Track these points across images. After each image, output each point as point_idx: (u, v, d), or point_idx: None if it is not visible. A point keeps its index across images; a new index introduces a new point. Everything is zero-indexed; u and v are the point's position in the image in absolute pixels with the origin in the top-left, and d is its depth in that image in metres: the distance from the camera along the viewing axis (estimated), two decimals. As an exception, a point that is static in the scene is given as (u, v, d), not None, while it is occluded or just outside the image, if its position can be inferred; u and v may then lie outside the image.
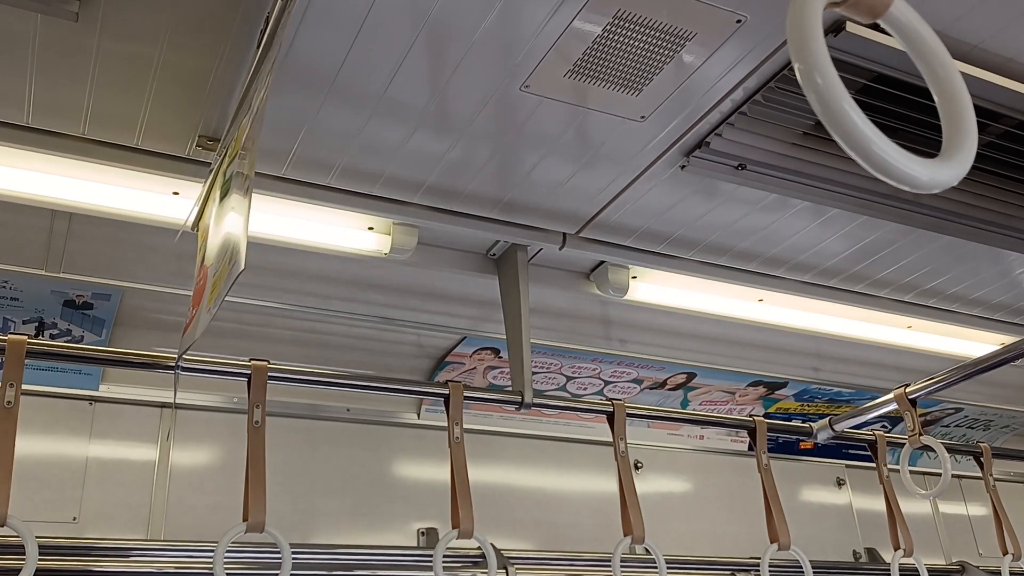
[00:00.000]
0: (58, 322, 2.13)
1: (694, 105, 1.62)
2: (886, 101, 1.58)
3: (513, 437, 2.77)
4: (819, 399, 3.05)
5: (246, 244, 1.13)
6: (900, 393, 2.09)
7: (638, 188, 1.86)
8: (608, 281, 2.19)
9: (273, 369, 1.66)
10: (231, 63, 1.50)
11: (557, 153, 1.74)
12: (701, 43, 1.47)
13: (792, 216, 2.00)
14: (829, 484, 3.32)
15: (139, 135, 1.65)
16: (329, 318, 2.33)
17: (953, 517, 3.57)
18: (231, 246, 1.20)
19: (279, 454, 2.35)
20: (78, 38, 1.43)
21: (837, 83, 0.67)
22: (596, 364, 2.67)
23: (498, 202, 1.91)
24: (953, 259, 2.25)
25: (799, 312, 2.46)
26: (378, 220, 1.93)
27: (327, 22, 1.38)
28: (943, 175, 0.71)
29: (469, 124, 1.64)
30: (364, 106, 1.58)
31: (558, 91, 1.56)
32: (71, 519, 2.11)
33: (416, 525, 2.50)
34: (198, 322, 1.28)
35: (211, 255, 1.34)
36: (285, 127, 1.62)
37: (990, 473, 2.37)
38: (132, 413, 2.27)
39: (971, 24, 1.46)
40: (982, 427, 3.49)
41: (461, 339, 2.50)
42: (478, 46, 1.44)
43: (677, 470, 3.02)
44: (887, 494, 2.18)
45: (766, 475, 2.07)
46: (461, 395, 1.83)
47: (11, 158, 1.65)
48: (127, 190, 1.77)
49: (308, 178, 1.77)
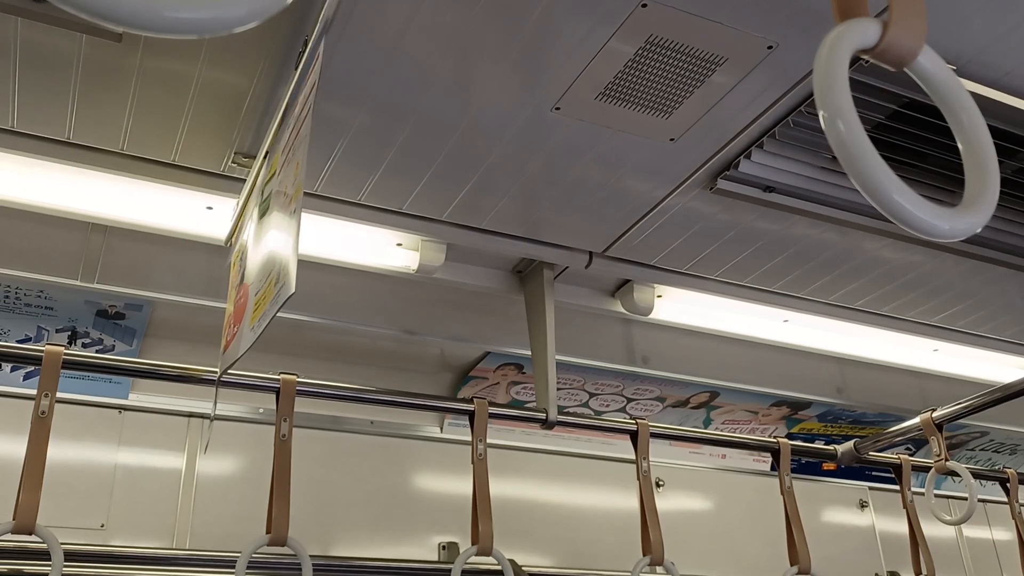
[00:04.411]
0: (90, 331, 2.17)
1: (724, 128, 1.62)
2: (917, 127, 1.58)
3: (534, 453, 2.77)
4: (843, 420, 3.03)
5: (296, 266, 1.12)
6: (927, 418, 2.07)
7: (665, 208, 1.87)
8: (633, 300, 2.20)
9: (302, 383, 1.68)
10: (268, 82, 1.53)
11: (586, 173, 1.75)
12: (732, 68, 1.48)
13: (818, 238, 2.00)
14: (852, 506, 3.29)
15: (176, 151, 1.68)
16: (355, 332, 2.35)
17: (978, 542, 3.52)
18: (277, 266, 1.20)
19: (302, 465, 2.37)
20: (120, 57, 1.46)
21: (860, 133, 0.68)
22: (619, 381, 2.67)
23: (525, 220, 1.92)
24: (980, 282, 2.24)
25: (824, 333, 2.45)
26: (407, 236, 1.96)
27: (362, 44, 1.40)
28: (963, 225, 0.72)
29: (499, 143, 1.66)
30: (396, 125, 1.60)
31: (589, 113, 1.58)
32: (99, 526, 2.14)
33: (437, 539, 2.51)
34: (240, 340, 1.30)
35: (252, 273, 1.36)
36: (319, 145, 1.64)
37: (1015, 499, 2.35)
38: (160, 422, 2.29)
39: (999, 52, 1.46)
40: (1008, 451, 3.45)
41: (485, 354, 2.51)
42: (510, 68, 1.46)
43: (698, 488, 3.01)
44: (910, 518, 2.17)
45: (788, 498, 2.06)
46: (486, 412, 1.85)
47: (51, 172, 1.68)
48: (161, 204, 1.80)
49: (339, 195, 1.80)
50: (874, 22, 0.88)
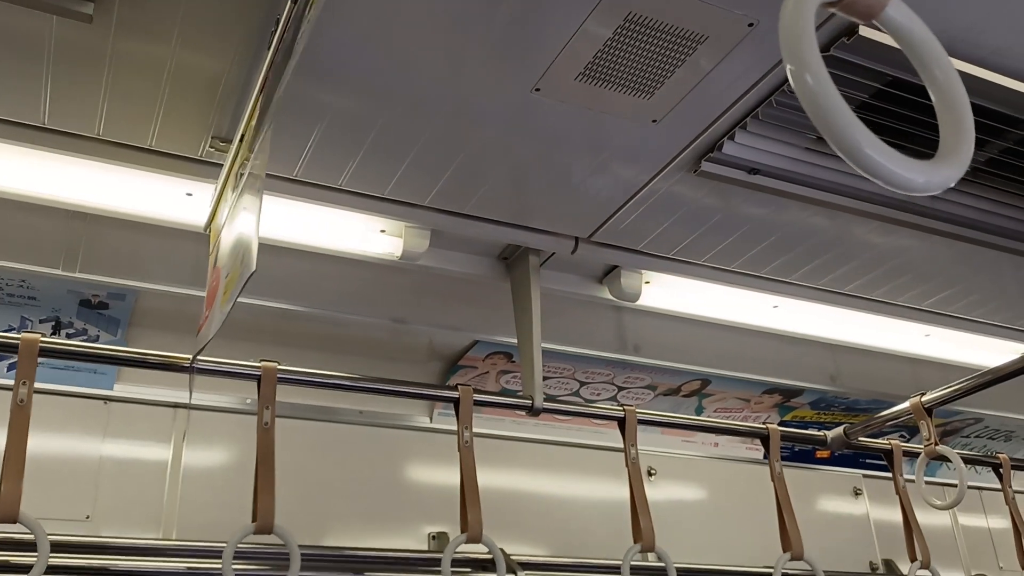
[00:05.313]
0: (74, 321, 2.15)
1: (707, 109, 1.60)
2: (901, 106, 1.56)
3: (525, 442, 2.76)
4: (836, 407, 3.01)
5: (257, 245, 1.14)
6: (916, 402, 2.06)
7: (650, 192, 1.85)
8: (621, 286, 2.18)
9: (283, 371, 1.67)
10: (243, 64, 1.51)
11: (568, 156, 1.73)
12: (713, 46, 1.46)
13: (806, 221, 1.98)
14: (846, 494, 3.28)
15: (153, 136, 1.67)
16: (342, 321, 2.34)
17: (973, 529, 3.51)
18: (243, 248, 1.21)
19: (291, 456, 2.36)
20: (92, 39, 1.44)
21: (828, 85, 0.66)
22: (609, 369, 2.65)
23: (509, 205, 1.90)
24: (972, 267, 2.22)
25: (815, 319, 2.44)
26: (390, 223, 1.94)
27: (339, 24, 1.38)
28: (939, 177, 0.70)
29: (480, 127, 1.64)
30: (376, 108, 1.58)
31: (569, 94, 1.55)
32: (84, 517, 2.12)
33: (427, 529, 2.50)
34: (211, 322, 1.29)
35: (223, 256, 1.35)
36: (297, 129, 1.62)
37: (1009, 484, 2.33)
38: (146, 413, 2.28)
39: (988, 30, 1.44)
40: (1003, 438, 3.44)
41: (474, 343, 2.50)
42: (490, 49, 1.44)
43: (691, 477, 3.00)
44: (903, 505, 2.15)
45: (779, 483, 2.05)
46: (471, 399, 1.84)
47: (28, 159, 1.67)
48: (141, 191, 1.78)
49: (320, 180, 1.78)
50: (840, -27, 0.86)
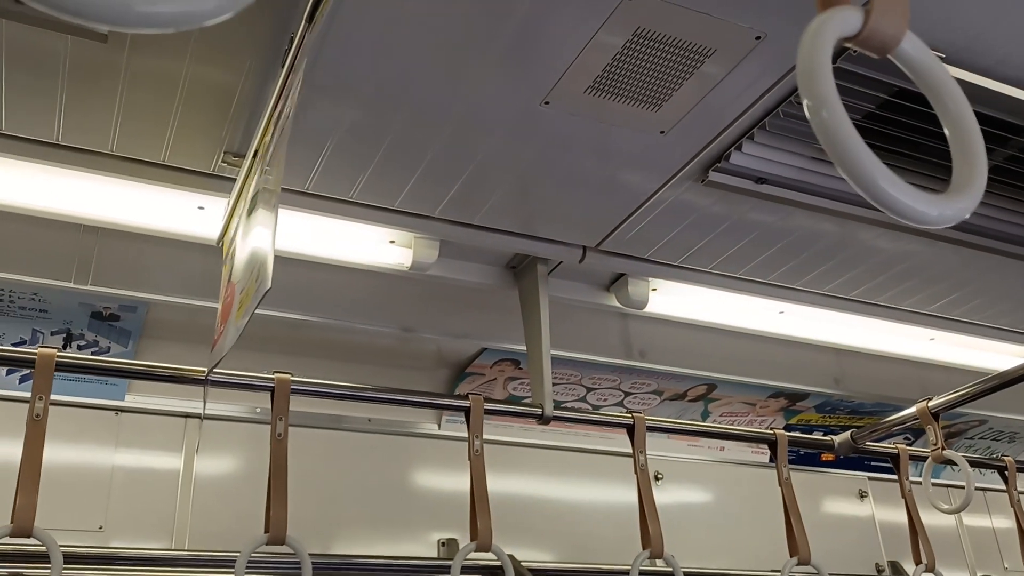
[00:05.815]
0: (85, 333, 2.17)
1: (714, 120, 1.62)
2: (908, 116, 1.57)
3: (533, 448, 2.77)
4: (841, 411, 3.03)
5: (272, 261, 1.15)
6: (923, 407, 2.07)
7: (658, 202, 1.87)
8: (628, 294, 2.20)
9: (296, 382, 1.68)
10: (256, 79, 1.53)
11: (577, 167, 1.75)
12: (721, 59, 1.47)
13: (812, 228, 1.99)
14: (851, 496, 3.29)
15: (166, 151, 1.68)
16: (351, 329, 2.35)
17: (978, 530, 3.52)
18: (258, 263, 1.22)
19: (300, 463, 2.36)
20: (107, 57, 1.46)
21: (844, 120, 0.68)
22: (616, 375, 2.67)
23: (518, 216, 1.92)
24: (977, 271, 2.24)
25: (820, 324, 2.45)
26: (399, 234, 1.95)
27: (350, 40, 1.40)
28: (951, 211, 0.72)
29: (489, 139, 1.65)
30: (386, 121, 1.59)
31: (578, 107, 1.57)
32: (97, 527, 2.14)
33: (436, 536, 2.51)
34: (226, 337, 1.31)
35: (238, 271, 1.36)
36: (309, 142, 1.64)
37: (1014, 487, 2.35)
38: (157, 423, 2.29)
39: (993, 40, 1.46)
40: (1007, 439, 3.45)
41: (481, 351, 2.51)
42: (499, 62, 1.46)
43: (697, 481, 3.01)
44: (909, 508, 2.17)
45: (787, 488, 2.07)
46: (481, 408, 1.85)
47: (41, 175, 1.68)
48: (153, 205, 1.80)
49: (331, 193, 1.80)
50: (856, 9, 0.88)
